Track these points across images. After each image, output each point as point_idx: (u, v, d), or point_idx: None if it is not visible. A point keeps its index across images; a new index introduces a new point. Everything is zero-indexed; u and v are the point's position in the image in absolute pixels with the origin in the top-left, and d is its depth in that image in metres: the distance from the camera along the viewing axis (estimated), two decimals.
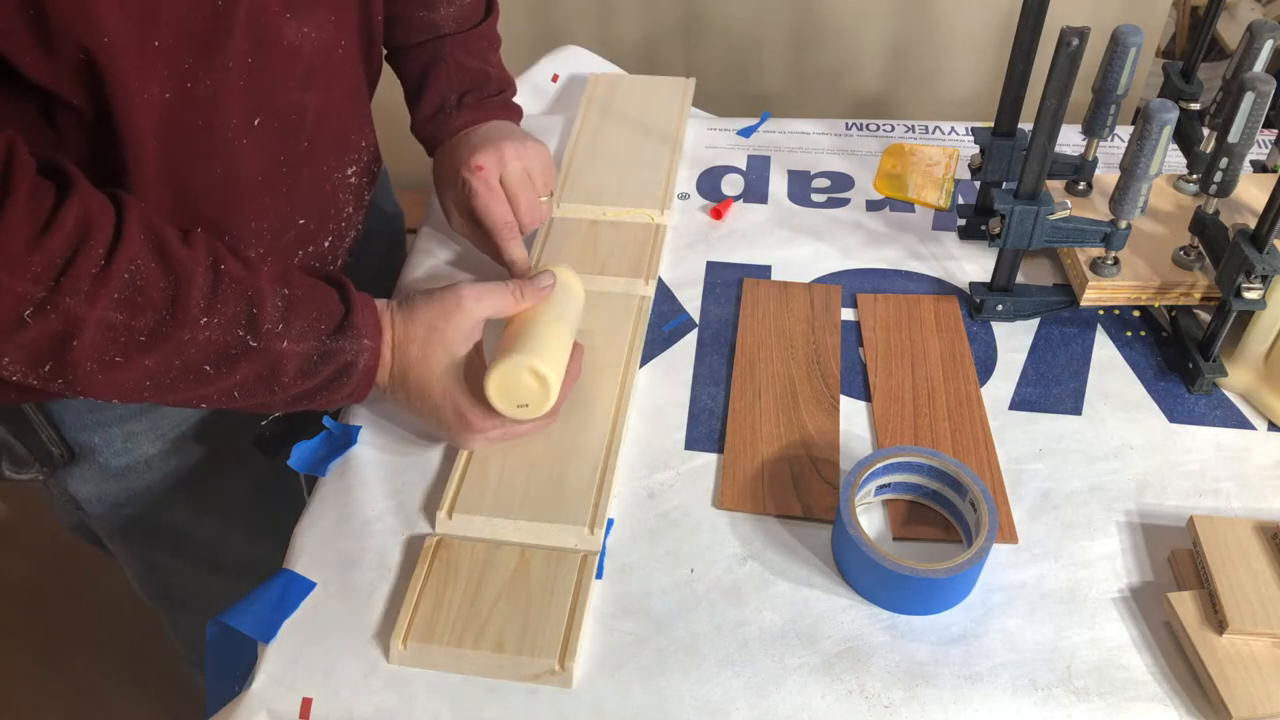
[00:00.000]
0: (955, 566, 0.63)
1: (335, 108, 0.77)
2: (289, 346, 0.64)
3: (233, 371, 0.63)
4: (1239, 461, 0.75)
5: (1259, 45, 0.82)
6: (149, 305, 0.59)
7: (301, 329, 0.65)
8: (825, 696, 0.62)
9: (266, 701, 0.63)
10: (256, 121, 0.69)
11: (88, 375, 0.60)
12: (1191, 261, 0.83)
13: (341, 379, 0.67)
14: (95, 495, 0.86)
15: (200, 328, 0.61)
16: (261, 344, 0.63)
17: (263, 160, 0.72)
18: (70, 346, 0.58)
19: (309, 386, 0.66)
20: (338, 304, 0.67)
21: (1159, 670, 0.63)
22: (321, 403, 0.68)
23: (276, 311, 0.64)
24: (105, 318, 0.58)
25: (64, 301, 0.57)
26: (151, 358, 0.60)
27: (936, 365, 0.82)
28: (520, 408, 0.69)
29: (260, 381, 0.64)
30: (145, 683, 1.54)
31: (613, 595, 0.67)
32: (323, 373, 0.66)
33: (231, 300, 0.62)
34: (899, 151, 1.06)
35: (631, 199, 0.96)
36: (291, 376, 0.65)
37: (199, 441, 0.85)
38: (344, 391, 0.68)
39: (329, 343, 0.66)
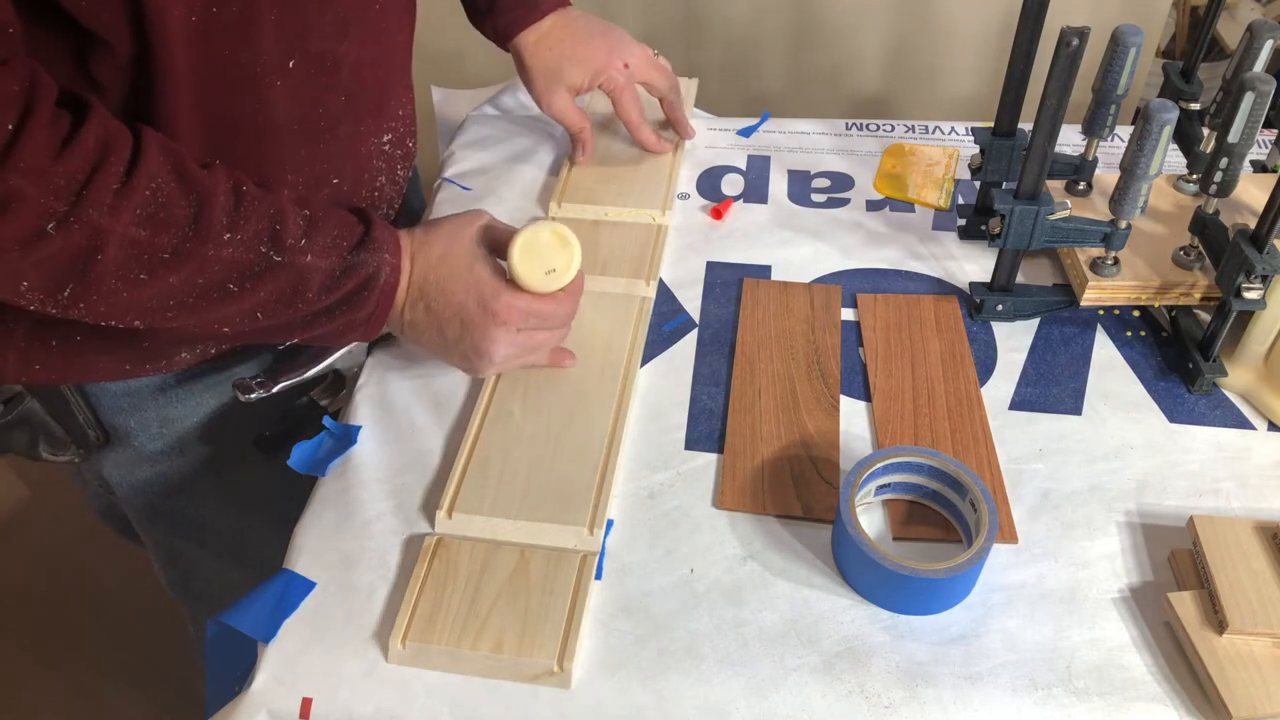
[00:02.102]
0: (955, 566, 0.63)
1: (373, 66, 0.77)
2: (313, 260, 0.65)
3: (257, 288, 0.63)
4: (1239, 461, 0.75)
5: (1259, 45, 0.82)
6: (171, 222, 0.60)
7: (324, 244, 0.65)
8: (825, 696, 0.62)
9: (266, 701, 0.63)
10: (291, 64, 0.69)
11: (111, 293, 0.60)
12: (1191, 261, 0.83)
13: (363, 293, 0.67)
14: (127, 479, 0.87)
15: (224, 244, 0.61)
16: (286, 258, 0.64)
17: (298, 108, 0.72)
18: (94, 262, 0.58)
19: (331, 301, 0.66)
20: (358, 223, 0.68)
21: (1159, 670, 0.63)
22: (340, 325, 0.68)
23: (299, 228, 0.64)
24: (129, 234, 0.58)
25: (87, 214, 0.57)
26: (176, 275, 0.61)
27: (936, 365, 0.82)
28: (548, 275, 0.70)
29: (284, 298, 0.65)
30: (145, 683, 1.54)
31: (612, 595, 0.67)
32: (345, 286, 0.66)
33: (254, 217, 0.63)
34: (899, 151, 1.06)
35: (632, 199, 0.96)
36: (315, 292, 0.65)
37: (231, 429, 0.85)
38: (365, 310, 0.68)
39: (351, 257, 0.66)
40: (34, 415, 0.79)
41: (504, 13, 0.93)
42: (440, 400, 0.80)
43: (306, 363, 0.78)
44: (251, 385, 0.75)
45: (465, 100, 1.17)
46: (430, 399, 0.80)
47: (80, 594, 1.66)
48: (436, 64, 1.64)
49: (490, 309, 0.70)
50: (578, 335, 0.83)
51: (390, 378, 0.82)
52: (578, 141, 0.99)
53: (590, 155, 1.00)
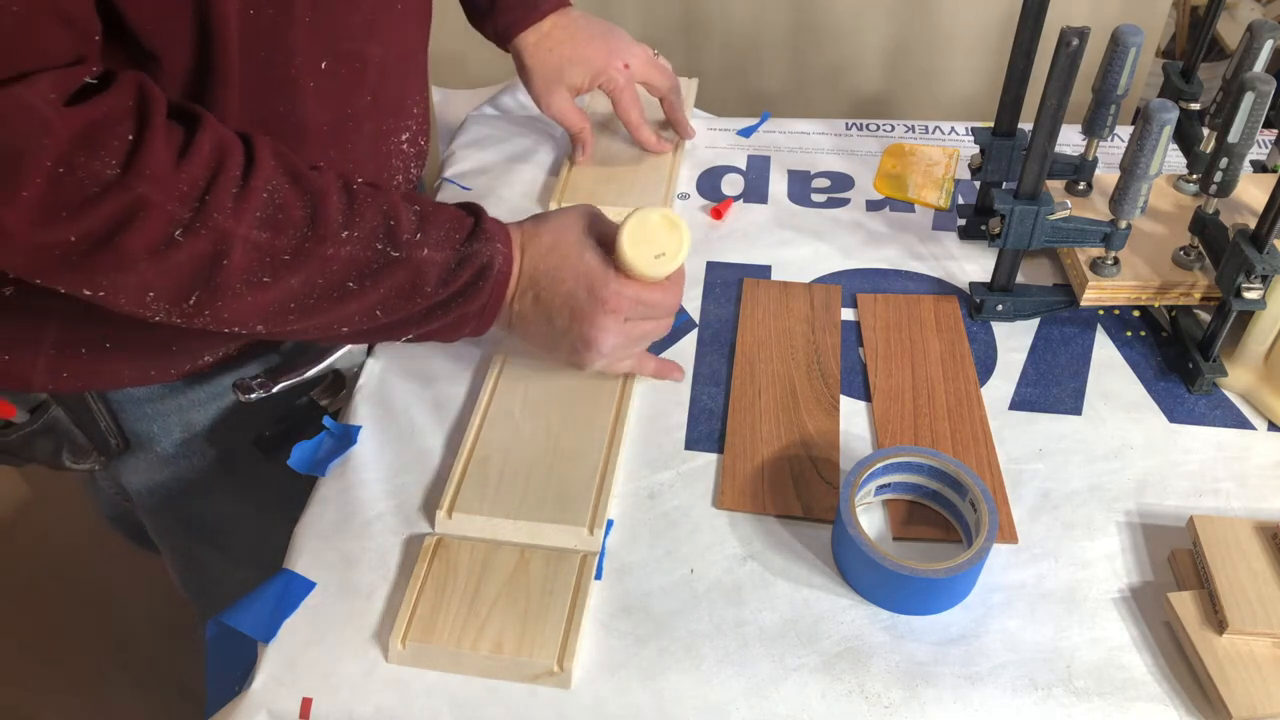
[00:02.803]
0: (955, 566, 0.63)
1: (394, 64, 0.78)
2: (429, 254, 0.65)
3: (376, 285, 0.64)
4: (1239, 461, 0.75)
5: (1259, 45, 0.82)
6: (290, 224, 0.61)
7: (438, 238, 0.66)
8: (825, 696, 0.62)
9: (266, 701, 0.63)
10: (323, 65, 0.70)
11: (236, 298, 0.60)
12: (1191, 261, 0.83)
13: (479, 283, 0.68)
14: (145, 485, 0.87)
15: (342, 242, 0.62)
16: (403, 254, 0.64)
17: (328, 108, 0.72)
18: (220, 267, 0.59)
19: (448, 294, 0.67)
20: (467, 215, 0.69)
21: (1159, 670, 0.63)
22: (454, 317, 0.68)
23: (412, 223, 0.65)
24: (251, 236, 0.59)
25: (212, 218, 0.57)
26: (297, 276, 0.61)
27: (936, 365, 0.82)
28: (657, 259, 0.70)
29: (402, 294, 0.65)
30: (145, 683, 1.54)
31: (612, 595, 0.67)
32: (461, 278, 0.67)
33: (368, 215, 0.64)
34: (899, 151, 1.06)
35: (632, 199, 0.96)
36: (433, 285, 0.66)
37: (245, 429, 0.85)
38: (479, 300, 0.68)
39: (465, 249, 0.67)
40: (59, 424, 0.79)
41: (504, 13, 0.93)
42: (440, 400, 0.80)
43: (306, 363, 0.78)
44: (251, 385, 0.75)
45: (465, 100, 1.17)
46: (430, 399, 0.80)
47: (81, 594, 1.66)
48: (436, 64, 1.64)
49: (599, 296, 0.70)
50: None
51: (390, 378, 0.82)
52: (577, 141, 0.99)
53: (590, 155, 1.00)
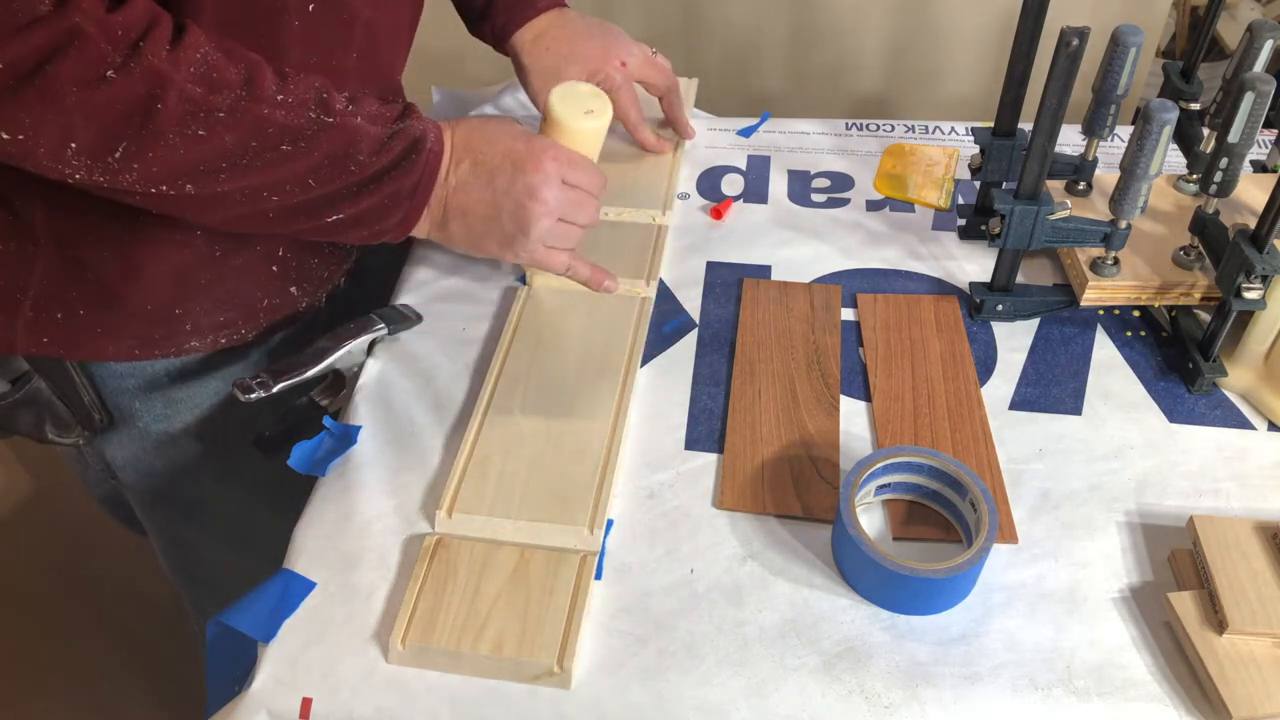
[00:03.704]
0: (955, 566, 0.63)
1: (383, 31, 0.78)
2: (362, 124, 0.67)
3: (311, 149, 0.65)
4: (1239, 461, 0.75)
5: (1259, 45, 0.82)
6: (224, 84, 0.61)
7: (370, 113, 0.68)
8: (825, 696, 0.62)
9: (266, 701, 0.63)
10: (311, 7, 0.70)
11: (169, 149, 0.60)
12: (1191, 261, 0.83)
13: (411, 155, 0.69)
14: (131, 463, 0.87)
15: (276, 105, 0.63)
16: (336, 119, 0.65)
17: (311, 54, 0.72)
18: (154, 112, 0.58)
19: (382, 165, 0.68)
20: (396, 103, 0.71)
21: (1159, 670, 0.63)
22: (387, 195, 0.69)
23: (344, 99, 0.67)
24: (186, 89, 0.59)
25: (147, 60, 0.57)
26: (231, 134, 0.61)
27: (936, 365, 0.82)
28: (586, 114, 0.76)
29: (336, 160, 0.66)
30: (145, 682, 1.54)
31: (612, 595, 0.67)
32: (395, 149, 0.68)
33: (301, 86, 0.65)
34: (899, 151, 1.06)
35: (632, 199, 0.96)
36: (366, 154, 0.67)
37: (235, 416, 0.86)
38: (413, 175, 0.69)
39: (396, 125, 0.69)
40: (40, 395, 0.80)
41: (500, 14, 0.93)
42: (440, 400, 0.80)
43: (306, 363, 0.78)
44: (251, 385, 0.75)
45: (465, 100, 1.17)
46: (430, 399, 0.80)
47: (81, 593, 1.66)
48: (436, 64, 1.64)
49: (537, 146, 0.73)
50: (578, 335, 0.83)
51: (390, 378, 0.82)
52: None
53: None
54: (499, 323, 0.86)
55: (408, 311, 0.86)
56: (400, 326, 0.84)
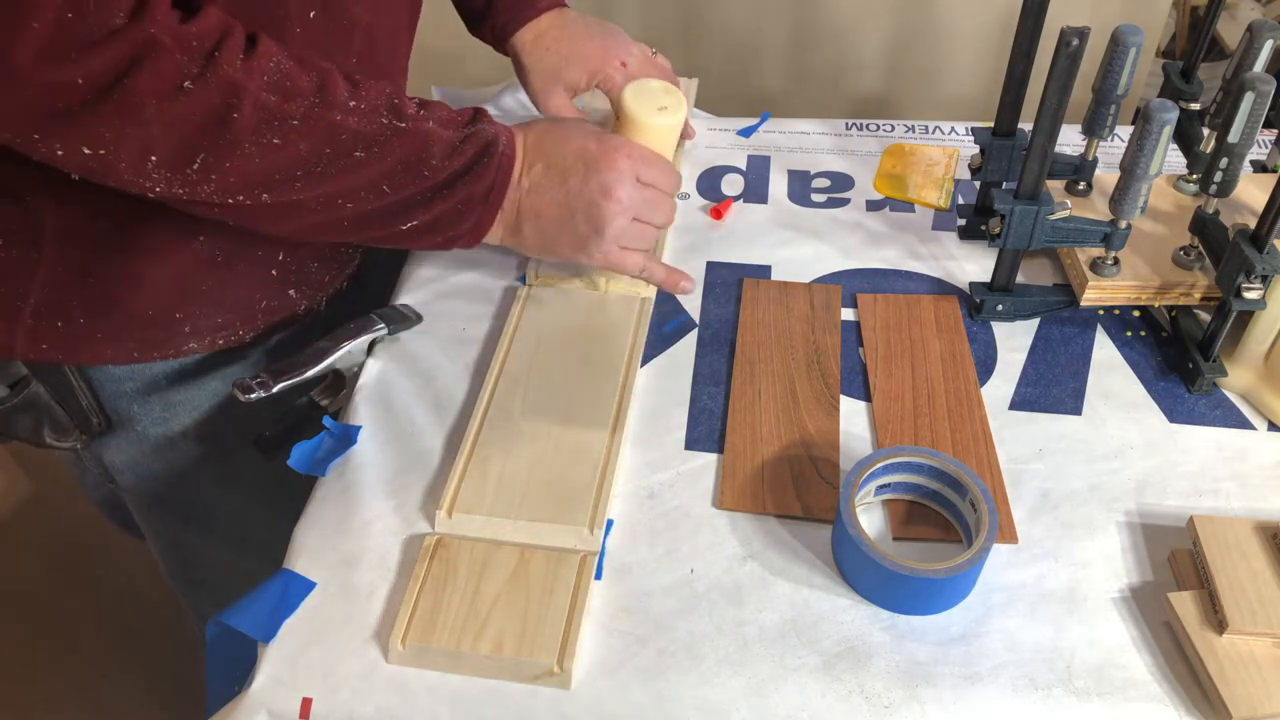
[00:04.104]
0: (955, 566, 0.63)
1: (382, 35, 0.78)
2: (434, 128, 0.67)
3: (384, 154, 0.65)
4: (1239, 461, 0.75)
5: (1259, 45, 0.82)
6: (298, 92, 0.61)
7: (442, 117, 0.68)
8: (825, 696, 0.62)
9: (266, 701, 0.63)
10: (311, 14, 0.70)
11: (245, 159, 0.60)
12: (1191, 261, 0.83)
13: (484, 159, 0.69)
14: (129, 466, 0.87)
15: (349, 111, 0.63)
16: (409, 124, 0.66)
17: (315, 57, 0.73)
18: (230, 121, 0.59)
19: (455, 169, 0.68)
20: (466, 109, 0.71)
21: (1159, 670, 0.63)
22: (460, 200, 0.69)
23: (415, 103, 0.68)
24: (261, 97, 0.59)
25: (222, 69, 0.58)
26: (306, 141, 0.62)
27: (936, 365, 0.82)
28: (660, 111, 0.78)
29: (409, 166, 0.66)
30: (145, 682, 1.54)
31: (612, 595, 0.67)
32: (467, 152, 0.68)
33: (373, 92, 0.65)
34: (899, 151, 1.06)
35: None
36: (439, 158, 0.67)
37: (234, 417, 0.85)
38: (486, 179, 0.69)
39: (469, 129, 0.69)
40: (39, 399, 0.79)
41: (500, 14, 0.93)
42: (440, 400, 0.80)
43: (306, 363, 0.78)
44: (251, 385, 0.75)
45: (465, 100, 1.17)
46: (430, 399, 0.80)
47: (80, 593, 1.66)
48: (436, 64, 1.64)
49: (611, 144, 0.73)
50: (578, 335, 0.83)
51: (390, 378, 0.82)
52: None
53: None
54: (499, 323, 0.86)
55: (408, 311, 0.86)
56: (400, 326, 0.84)
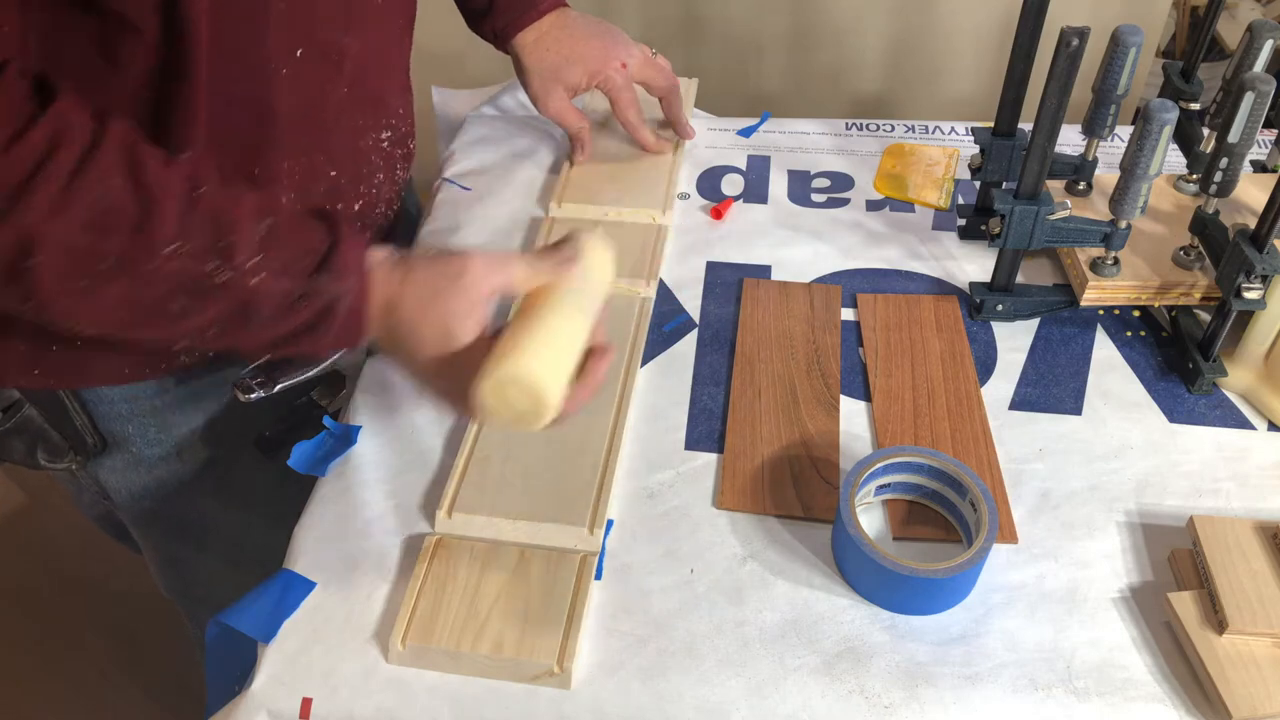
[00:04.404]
0: (955, 566, 0.63)
1: (373, 60, 0.77)
2: (263, 282, 0.59)
3: (204, 307, 0.58)
4: (1239, 461, 0.75)
5: (1259, 45, 0.82)
6: (115, 228, 0.55)
7: (281, 263, 0.59)
8: (825, 696, 0.62)
9: (266, 701, 0.63)
10: (299, 53, 0.69)
11: (52, 299, 0.56)
12: (1191, 261, 0.83)
13: (323, 323, 0.61)
14: (125, 485, 0.86)
15: (168, 257, 0.56)
16: (234, 278, 0.58)
17: (301, 97, 0.71)
18: (27, 267, 0.54)
19: (288, 329, 0.61)
20: (323, 239, 0.61)
21: (1159, 670, 0.63)
22: (307, 346, 0.62)
23: (253, 243, 0.58)
24: (68, 239, 0.54)
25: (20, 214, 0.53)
26: (116, 286, 0.56)
27: (936, 365, 0.82)
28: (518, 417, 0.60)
29: (233, 321, 0.60)
30: (145, 683, 1.54)
31: (612, 595, 0.67)
32: (302, 314, 0.60)
33: (204, 228, 0.57)
34: (899, 151, 1.06)
35: (632, 199, 0.96)
36: (268, 316, 0.60)
37: (229, 430, 0.85)
38: (328, 337, 0.61)
39: (309, 281, 0.59)
40: (32, 422, 0.78)
41: (501, 14, 0.93)
42: None
43: (307, 363, 0.78)
44: (251, 385, 0.75)
45: (465, 100, 1.17)
46: None
47: (80, 594, 1.66)
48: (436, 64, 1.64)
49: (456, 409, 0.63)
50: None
51: (390, 378, 0.82)
52: (576, 141, 0.99)
53: (589, 155, 1.00)
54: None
55: None
56: None
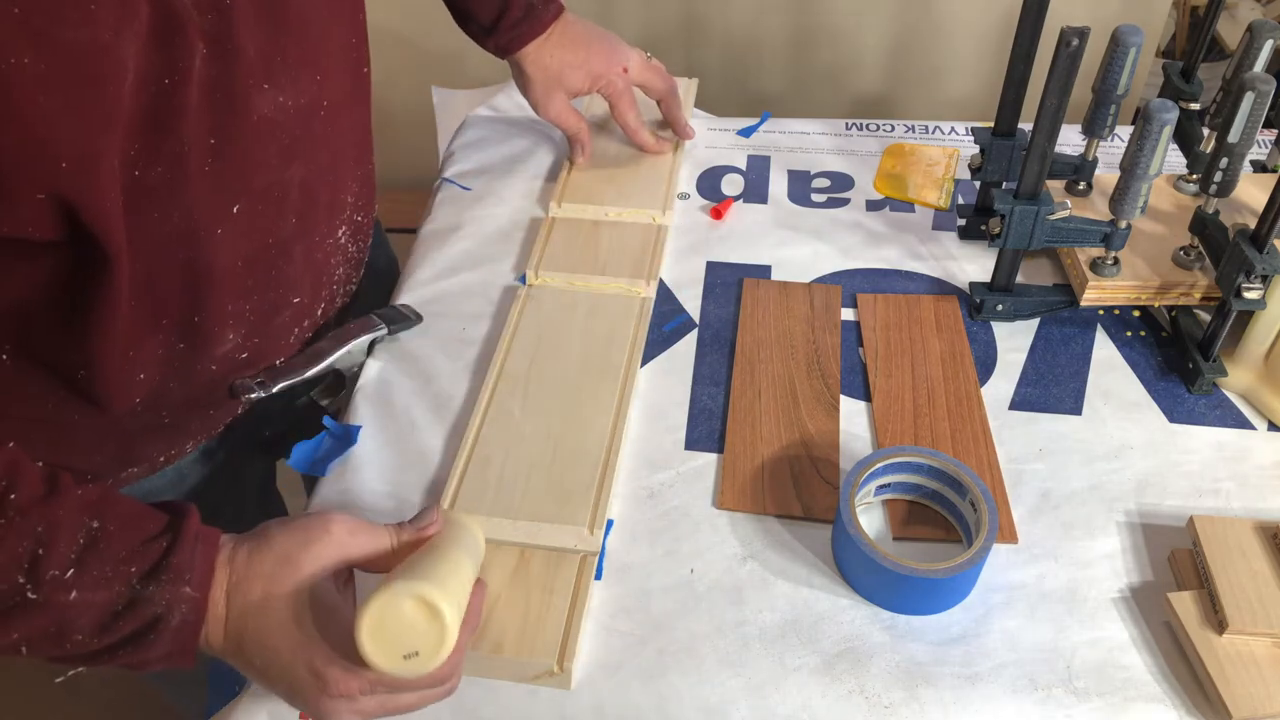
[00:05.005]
0: (955, 566, 0.63)
1: (323, 173, 0.71)
2: (79, 596, 0.52)
3: (9, 628, 0.52)
4: (1239, 461, 0.75)
5: (1259, 45, 0.82)
6: None
7: (101, 574, 0.53)
8: (825, 696, 0.62)
9: (266, 701, 0.63)
10: (235, 209, 0.63)
11: None
12: (1191, 261, 0.83)
13: (148, 636, 0.54)
14: None
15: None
16: (43, 595, 0.52)
17: (244, 247, 0.66)
18: None
19: (107, 644, 0.54)
20: (160, 538, 0.55)
21: (1159, 670, 0.63)
22: (130, 662, 0.55)
23: (70, 552, 0.53)
24: None
25: None
26: None
27: (936, 365, 0.82)
28: (407, 659, 0.53)
29: (46, 638, 0.53)
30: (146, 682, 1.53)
31: (612, 595, 0.67)
32: (126, 626, 0.54)
33: (11, 540, 0.51)
34: (899, 151, 1.06)
35: (632, 199, 0.96)
36: (86, 633, 0.53)
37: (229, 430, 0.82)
38: (156, 651, 0.55)
39: (138, 589, 0.53)
40: None
41: (506, 31, 0.92)
42: (440, 400, 0.80)
43: (306, 363, 0.78)
44: (251, 385, 0.75)
45: (465, 100, 1.17)
46: (430, 399, 0.80)
47: None
48: (436, 64, 1.64)
49: (322, 679, 0.54)
50: (578, 335, 0.83)
51: (390, 378, 0.82)
52: (575, 143, 0.99)
53: (589, 156, 1.00)
54: (499, 323, 0.86)
55: (408, 311, 0.86)
56: (400, 326, 0.84)
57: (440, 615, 0.53)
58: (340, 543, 0.57)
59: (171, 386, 0.69)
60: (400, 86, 1.54)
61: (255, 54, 0.60)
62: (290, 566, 0.56)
